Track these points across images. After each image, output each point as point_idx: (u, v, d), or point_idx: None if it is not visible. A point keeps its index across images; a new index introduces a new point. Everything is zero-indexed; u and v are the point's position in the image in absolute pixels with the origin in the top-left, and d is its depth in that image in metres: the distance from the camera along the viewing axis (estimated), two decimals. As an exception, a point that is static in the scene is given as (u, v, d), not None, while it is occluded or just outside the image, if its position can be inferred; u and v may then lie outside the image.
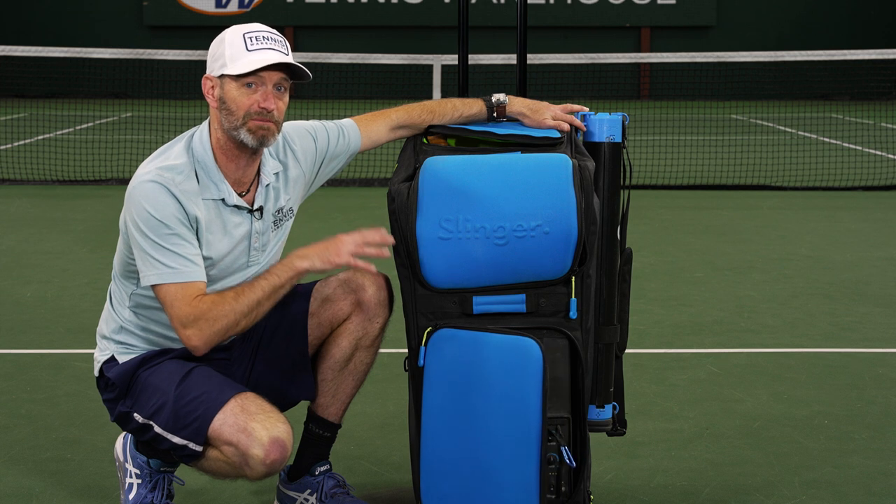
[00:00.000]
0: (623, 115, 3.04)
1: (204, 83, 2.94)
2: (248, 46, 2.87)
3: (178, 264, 2.82)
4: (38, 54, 10.89)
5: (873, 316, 5.56)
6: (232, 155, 2.94)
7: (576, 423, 2.97)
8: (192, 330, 2.81)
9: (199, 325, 2.81)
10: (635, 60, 13.97)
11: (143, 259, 2.84)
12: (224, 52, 2.88)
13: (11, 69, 19.98)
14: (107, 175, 10.89)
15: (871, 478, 3.54)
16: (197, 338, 2.82)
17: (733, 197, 9.95)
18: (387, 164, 11.13)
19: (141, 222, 2.82)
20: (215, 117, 2.94)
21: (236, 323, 2.83)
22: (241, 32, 2.90)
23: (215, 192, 2.91)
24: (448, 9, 24.51)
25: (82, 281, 6.29)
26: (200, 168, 2.91)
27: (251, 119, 2.88)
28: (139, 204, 2.83)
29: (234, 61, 2.87)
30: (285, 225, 3.09)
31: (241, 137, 2.90)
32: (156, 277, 2.82)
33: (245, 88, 2.88)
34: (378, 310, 3.10)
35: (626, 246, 3.11)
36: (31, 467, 3.59)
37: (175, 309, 2.82)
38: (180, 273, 2.82)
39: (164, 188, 2.83)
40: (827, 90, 21.42)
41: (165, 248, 2.82)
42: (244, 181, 2.98)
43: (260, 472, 2.78)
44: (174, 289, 2.82)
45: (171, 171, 2.87)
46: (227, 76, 2.88)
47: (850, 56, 10.99)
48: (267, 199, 3.01)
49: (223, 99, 2.90)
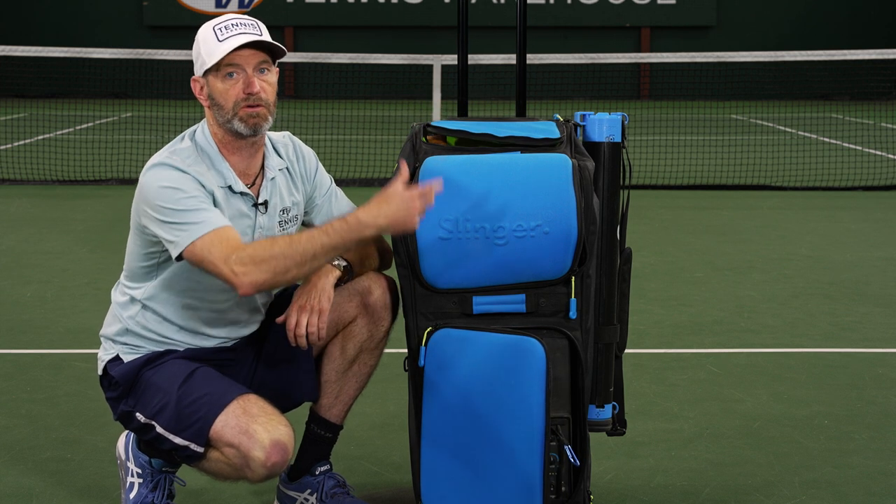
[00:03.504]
0: (623, 115, 3.04)
1: (193, 86, 2.97)
2: (219, 37, 2.89)
3: (203, 218, 2.78)
4: (38, 54, 10.90)
5: (873, 316, 5.56)
6: (233, 148, 2.96)
7: (576, 423, 2.97)
8: (239, 267, 2.71)
9: (244, 263, 2.71)
10: (635, 60, 13.98)
11: (169, 230, 2.80)
12: (200, 51, 2.92)
13: (11, 69, 19.97)
14: (107, 175, 10.89)
15: (871, 478, 3.54)
16: (244, 273, 2.71)
17: (733, 197, 9.95)
18: (387, 164, 11.14)
19: (157, 199, 2.82)
20: (209, 117, 2.98)
21: (286, 270, 2.73)
22: (211, 27, 2.92)
23: (221, 179, 2.93)
24: (448, 9, 24.50)
25: (82, 281, 6.29)
26: (206, 157, 2.93)
27: (240, 108, 2.90)
28: (151, 185, 2.84)
29: (210, 55, 2.90)
30: (290, 230, 3.08)
31: (236, 127, 2.92)
32: (186, 238, 2.77)
33: (228, 79, 2.90)
34: (384, 313, 3.10)
35: (625, 246, 3.11)
36: (31, 467, 3.59)
37: (215, 254, 2.73)
38: (209, 224, 2.77)
39: (176, 169, 2.85)
40: (827, 90, 21.41)
41: (187, 210, 2.79)
42: (249, 173, 2.99)
43: (261, 475, 2.78)
44: (209, 238, 2.75)
45: (180, 154, 2.90)
46: (209, 72, 2.91)
47: (850, 56, 10.99)
48: (272, 194, 3.01)
49: (211, 95, 2.93)
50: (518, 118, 3.18)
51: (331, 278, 2.98)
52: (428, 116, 11.66)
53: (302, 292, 2.95)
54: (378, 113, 17.25)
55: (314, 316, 2.92)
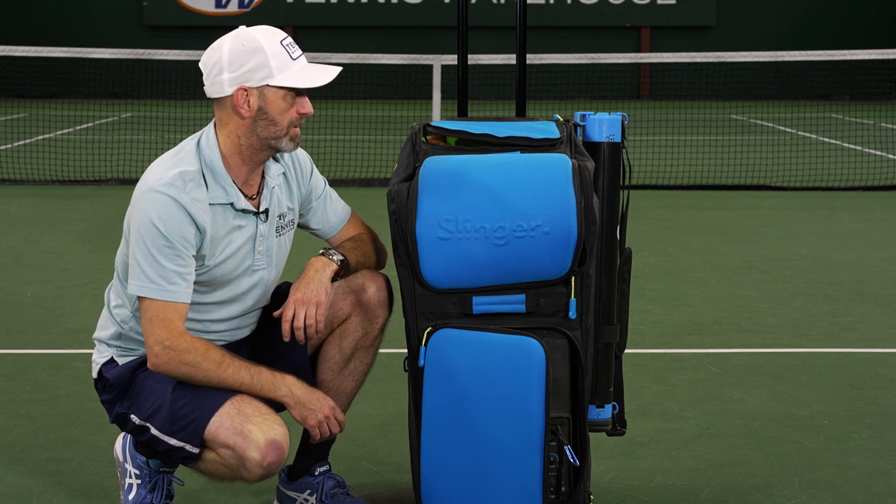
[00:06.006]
0: (622, 115, 3.04)
1: (239, 94, 2.84)
2: (292, 55, 2.87)
3: (165, 281, 2.80)
4: (38, 54, 10.89)
5: (873, 316, 5.56)
6: (251, 161, 2.93)
7: (576, 423, 2.97)
8: (161, 350, 2.81)
9: (170, 354, 2.81)
10: (635, 60, 13.97)
11: (134, 267, 2.83)
12: (268, 63, 2.83)
13: (11, 69, 19.97)
14: (107, 175, 10.89)
15: (871, 478, 3.54)
16: (162, 361, 2.82)
17: (733, 197, 9.95)
18: (387, 164, 11.14)
19: (142, 230, 2.81)
20: (238, 126, 2.88)
21: (198, 381, 2.84)
22: (278, 40, 2.86)
23: (223, 196, 2.90)
24: (448, 9, 24.50)
25: (82, 281, 6.29)
26: (209, 172, 2.89)
27: (293, 127, 2.89)
28: (145, 212, 2.81)
29: (283, 72, 2.84)
30: (287, 235, 3.08)
31: (282, 145, 2.90)
32: (141, 289, 2.81)
33: (290, 98, 2.87)
34: (378, 310, 3.10)
35: (625, 246, 3.11)
36: (31, 467, 3.59)
37: (154, 326, 2.81)
38: (166, 291, 2.81)
39: (174, 201, 2.80)
40: (827, 90, 21.41)
41: (158, 261, 2.80)
42: (251, 183, 2.97)
43: (257, 475, 2.78)
44: (157, 305, 2.81)
45: (182, 178, 2.83)
46: (273, 86, 2.85)
47: (850, 56, 10.99)
48: (272, 201, 3.01)
49: (264, 109, 2.86)
50: (518, 118, 3.18)
51: (328, 272, 2.98)
52: (428, 116, 11.66)
53: (299, 286, 2.95)
54: (378, 113, 17.26)
55: (311, 308, 2.92)
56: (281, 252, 3.07)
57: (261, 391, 2.85)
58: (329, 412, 2.91)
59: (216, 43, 2.91)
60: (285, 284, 3.11)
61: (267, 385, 2.86)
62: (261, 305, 3.10)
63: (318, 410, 2.89)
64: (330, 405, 2.92)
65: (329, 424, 2.92)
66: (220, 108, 2.90)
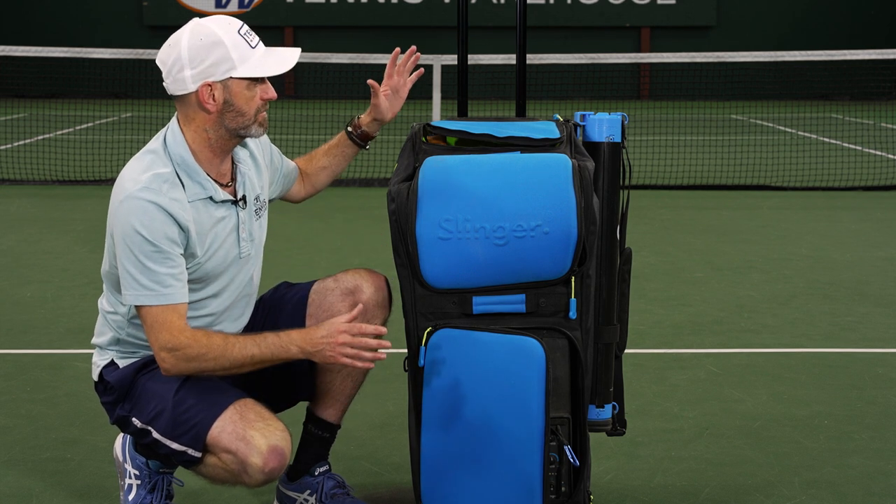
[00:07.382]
0: (622, 115, 3.04)
1: (203, 91, 2.83)
2: (251, 44, 2.86)
3: (159, 285, 2.79)
4: (38, 54, 10.89)
5: (873, 316, 5.56)
6: (221, 151, 2.93)
7: (576, 423, 2.97)
8: (168, 355, 2.80)
9: (176, 355, 2.80)
10: (635, 60, 13.96)
11: (126, 277, 2.82)
12: (229, 55, 2.82)
13: (11, 69, 19.95)
14: (107, 175, 10.89)
15: (871, 478, 3.54)
16: (171, 364, 2.81)
17: (733, 197, 9.95)
18: (387, 164, 11.13)
19: (127, 239, 2.79)
20: (205, 120, 2.87)
21: (212, 371, 2.82)
22: (236, 30, 2.85)
23: (201, 191, 2.89)
24: (448, 9, 24.50)
25: (82, 281, 6.29)
26: (182, 171, 2.87)
27: (259, 113, 2.90)
28: (127, 221, 2.79)
29: (245, 62, 2.84)
30: (264, 216, 3.10)
31: (252, 132, 2.91)
32: (137, 298, 2.80)
33: (253, 86, 2.87)
34: (376, 311, 3.10)
35: (625, 246, 3.11)
36: (31, 467, 3.59)
37: (155, 332, 2.80)
38: (162, 295, 2.80)
39: (153, 204, 2.78)
40: (827, 90, 21.40)
41: (149, 267, 2.78)
42: (224, 171, 2.97)
43: (258, 480, 2.77)
44: (156, 311, 2.80)
45: (157, 180, 2.82)
46: (236, 78, 2.85)
47: (850, 56, 10.99)
48: (246, 187, 3.02)
49: (230, 101, 2.85)
50: (518, 118, 3.18)
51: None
52: (428, 116, 11.65)
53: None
54: (378, 113, 17.18)
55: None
56: (262, 232, 3.10)
57: (272, 358, 2.79)
58: (342, 336, 2.73)
59: (172, 39, 2.87)
60: (284, 285, 3.12)
61: (277, 350, 2.79)
62: (251, 290, 3.10)
63: (328, 343, 2.74)
64: (338, 328, 2.75)
65: (356, 347, 2.74)
66: (184, 104, 2.88)
